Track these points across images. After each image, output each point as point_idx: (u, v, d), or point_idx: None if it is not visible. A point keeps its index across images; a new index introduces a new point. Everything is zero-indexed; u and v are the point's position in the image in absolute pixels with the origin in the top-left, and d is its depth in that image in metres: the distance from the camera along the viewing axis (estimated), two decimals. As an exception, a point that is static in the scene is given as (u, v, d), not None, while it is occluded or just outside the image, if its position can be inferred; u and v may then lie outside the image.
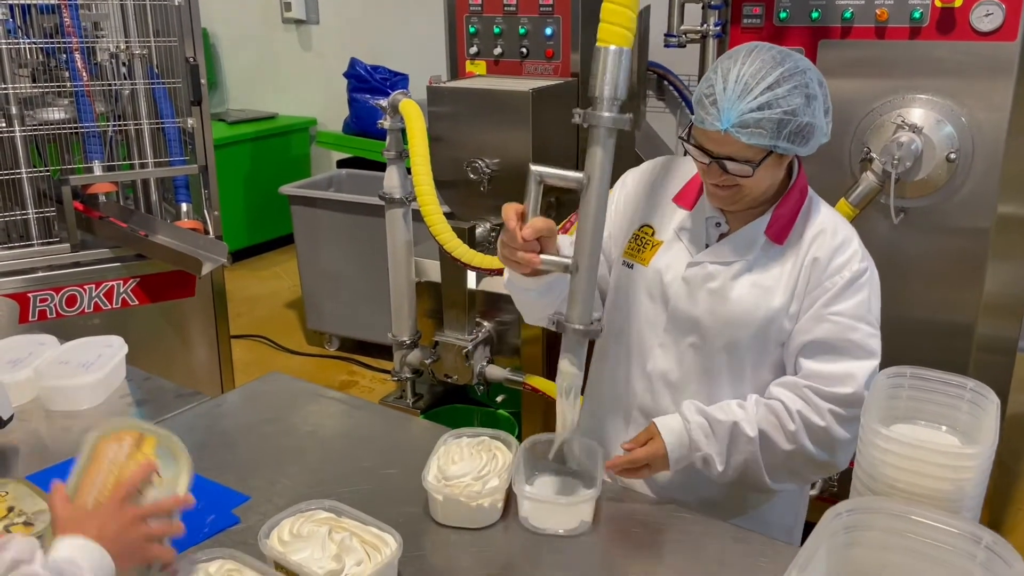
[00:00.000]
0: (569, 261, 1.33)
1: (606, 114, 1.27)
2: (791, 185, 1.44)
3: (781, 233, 1.43)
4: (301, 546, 1.20)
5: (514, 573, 1.29)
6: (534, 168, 1.32)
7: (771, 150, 1.31)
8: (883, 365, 1.37)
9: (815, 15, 2.11)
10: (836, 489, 2.36)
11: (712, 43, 2.28)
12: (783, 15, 2.14)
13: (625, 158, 2.91)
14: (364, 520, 1.26)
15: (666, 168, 1.58)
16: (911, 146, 2.02)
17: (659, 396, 1.50)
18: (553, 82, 2.55)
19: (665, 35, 2.52)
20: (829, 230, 1.42)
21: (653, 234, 1.52)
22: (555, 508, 1.36)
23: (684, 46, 2.45)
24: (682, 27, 2.36)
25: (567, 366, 1.37)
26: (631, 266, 1.52)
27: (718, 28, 2.22)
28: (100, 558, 0.96)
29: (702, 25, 2.27)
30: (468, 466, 1.38)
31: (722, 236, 1.46)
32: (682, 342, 1.47)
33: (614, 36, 1.27)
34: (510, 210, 1.32)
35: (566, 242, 1.40)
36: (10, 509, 1.24)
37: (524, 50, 2.67)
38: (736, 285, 1.43)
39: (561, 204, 2.70)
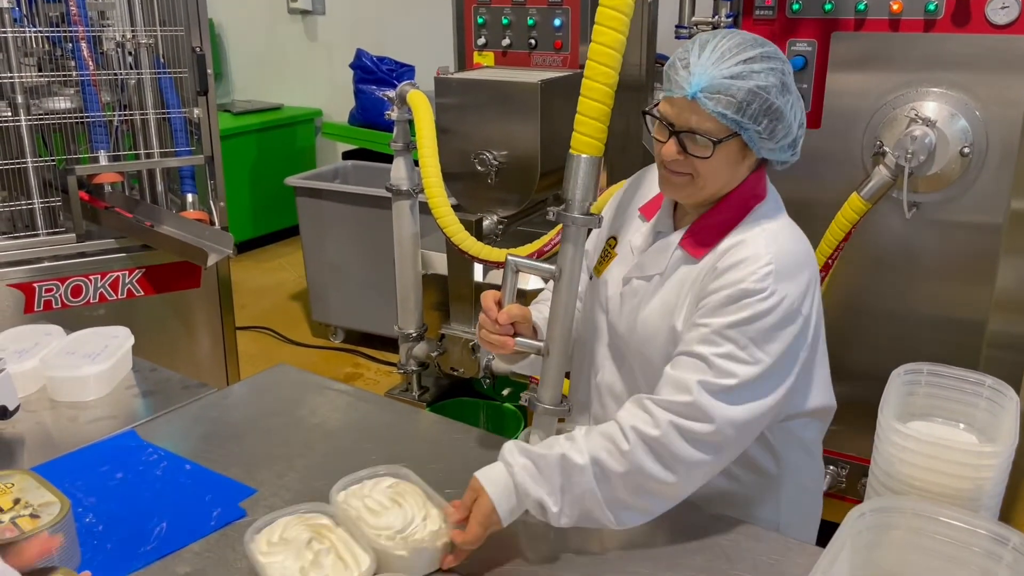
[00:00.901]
0: (541, 345, 1.44)
1: (577, 215, 1.36)
2: (735, 189, 1.32)
3: (701, 246, 1.32)
4: (280, 550, 1.19)
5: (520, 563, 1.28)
6: (511, 258, 1.44)
7: (735, 131, 1.24)
8: (893, 362, 1.35)
9: (828, 7, 2.09)
10: (844, 485, 2.35)
11: (724, 35, 2.25)
12: (796, 7, 2.12)
13: (632, 149, 2.91)
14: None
15: (647, 179, 1.52)
16: (924, 140, 1.99)
17: (608, 409, 1.48)
18: (562, 74, 2.53)
19: (676, 27, 2.49)
20: (746, 243, 1.28)
21: (614, 246, 1.50)
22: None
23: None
24: (693, 18, 2.33)
25: (537, 441, 1.41)
26: (592, 277, 1.53)
27: (730, 20, 2.19)
28: None
29: (713, 16, 2.24)
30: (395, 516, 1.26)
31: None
32: (620, 356, 1.46)
33: (586, 146, 1.34)
34: (488, 297, 1.43)
35: (543, 309, 1.49)
36: (16, 501, 1.23)
37: (532, 41, 2.64)
38: (650, 303, 1.38)
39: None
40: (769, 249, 1.27)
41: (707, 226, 1.34)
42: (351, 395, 1.79)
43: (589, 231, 1.44)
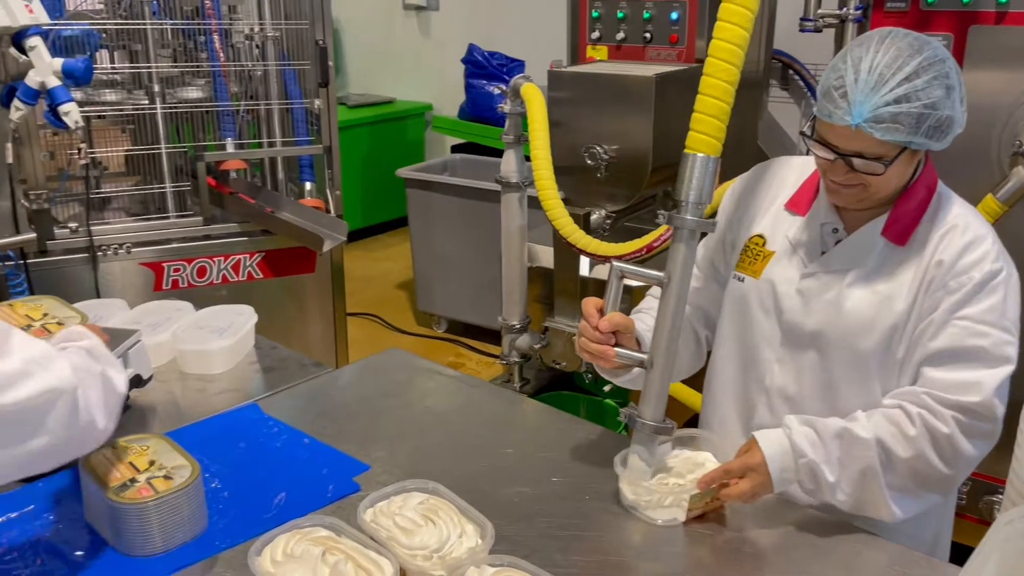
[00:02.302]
0: (644, 356, 1.35)
1: (690, 218, 1.29)
2: (914, 180, 1.33)
3: (903, 234, 1.33)
4: (292, 567, 1.13)
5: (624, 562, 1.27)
6: (616, 264, 1.37)
7: (905, 146, 1.23)
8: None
9: (966, 0, 1.99)
10: (964, 502, 2.23)
11: (851, 28, 2.17)
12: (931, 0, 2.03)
13: (747, 150, 2.84)
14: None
15: (775, 172, 1.51)
16: (1068, 140, 1.88)
17: (779, 413, 1.42)
18: (677, 68, 2.49)
19: (801, 19, 2.42)
20: (960, 227, 1.31)
21: (764, 244, 1.45)
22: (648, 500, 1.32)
23: (820, 31, 2.35)
24: (819, 11, 2.26)
25: (637, 462, 1.34)
26: (742, 279, 1.47)
27: (859, 12, 2.12)
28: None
29: (841, 9, 2.17)
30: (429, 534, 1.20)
31: (839, 242, 1.39)
32: (800, 356, 1.40)
33: (702, 144, 1.29)
34: (590, 304, 1.36)
35: (647, 319, 1.44)
36: (151, 463, 1.30)
37: (648, 35, 2.62)
38: (853, 294, 1.35)
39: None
40: (982, 226, 1.33)
41: (903, 214, 1.33)
42: (459, 380, 1.82)
43: (703, 235, 1.38)
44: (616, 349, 1.34)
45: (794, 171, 1.49)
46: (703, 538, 1.29)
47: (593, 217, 2.60)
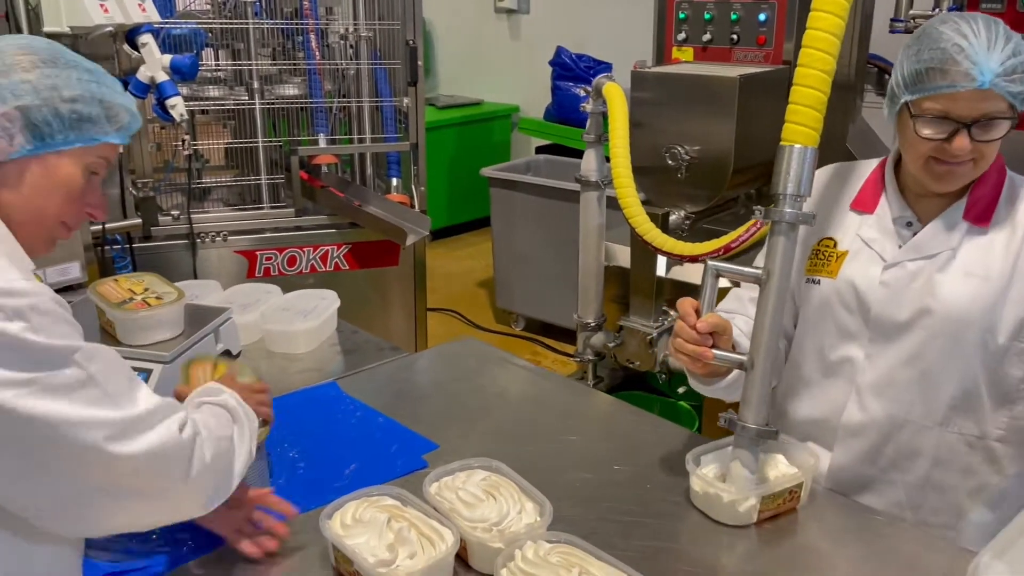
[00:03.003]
0: (744, 358, 1.30)
1: (788, 211, 1.26)
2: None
3: (985, 215, 1.34)
4: (360, 531, 1.17)
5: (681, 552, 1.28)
6: (711, 263, 1.33)
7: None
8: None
9: (1069, -1, 1.91)
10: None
11: (943, 29, 2.11)
12: (1030, -1, 1.96)
13: (836, 155, 2.77)
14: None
15: (838, 176, 1.51)
16: None
17: (870, 410, 1.41)
18: (763, 69, 2.47)
19: (892, 20, 2.37)
20: None
21: (835, 245, 1.45)
22: (718, 497, 1.29)
23: (911, 31, 2.30)
24: (911, 11, 2.21)
25: (739, 468, 1.30)
26: (817, 282, 1.45)
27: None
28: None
29: (934, 10, 2.12)
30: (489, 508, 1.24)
31: (916, 234, 1.38)
32: (892, 349, 1.39)
33: (800, 136, 1.26)
34: (687, 303, 1.32)
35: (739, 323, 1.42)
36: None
37: (735, 36, 2.60)
38: (945, 280, 1.34)
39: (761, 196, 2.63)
40: None
41: (981, 196, 1.35)
42: (531, 371, 1.86)
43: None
44: (714, 351, 1.30)
45: (855, 173, 1.49)
46: (764, 535, 1.29)
47: (672, 218, 2.60)
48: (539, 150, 4.73)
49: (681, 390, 2.93)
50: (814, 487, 1.38)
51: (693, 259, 2.37)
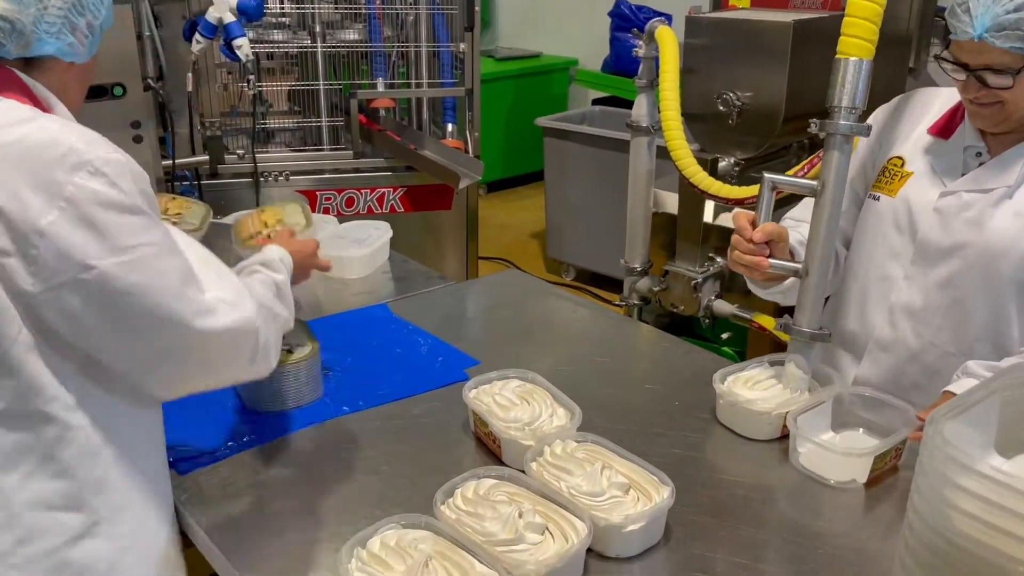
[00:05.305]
0: (799, 266, 1.38)
1: (843, 123, 1.31)
2: None
3: None
4: (482, 511, 1.09)
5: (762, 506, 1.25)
6: (767, 175, 1.39)
7: None
8: None
9: None
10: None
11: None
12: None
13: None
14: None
15: (921, 100, 1.53)
16: None
17: (900, 329, 1.46)
18: (818, 15, 2.46)
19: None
20: None
21: (903, 165, 1.48)
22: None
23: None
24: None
25: (793, 370, 1.39)
26: (877, 198, 1.50)
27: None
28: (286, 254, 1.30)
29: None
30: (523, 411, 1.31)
31: (982, 165, 1.40)
32: (930, 274, 1.42)
33: (854, 48, 1.29)
34: (741, 217, 1.39)
35: (797, 232, 1.46)
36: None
37: (792, -17, 2.59)
38: (996, 214, 1.36)
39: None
40: None
41: None
42: (573, 302, 1.94)
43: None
44: (770, 260, 1.38)
45: (940, 99, 1.51)
46: (786, 448, 1.35)
47: (721, 164, 2.62)
48: (595, 102, 4.74)
49: (725, 336, 2.97)
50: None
51: (739, 202, 2.39)
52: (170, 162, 2.66)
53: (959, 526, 0.84)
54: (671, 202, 2.86)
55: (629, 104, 4.32)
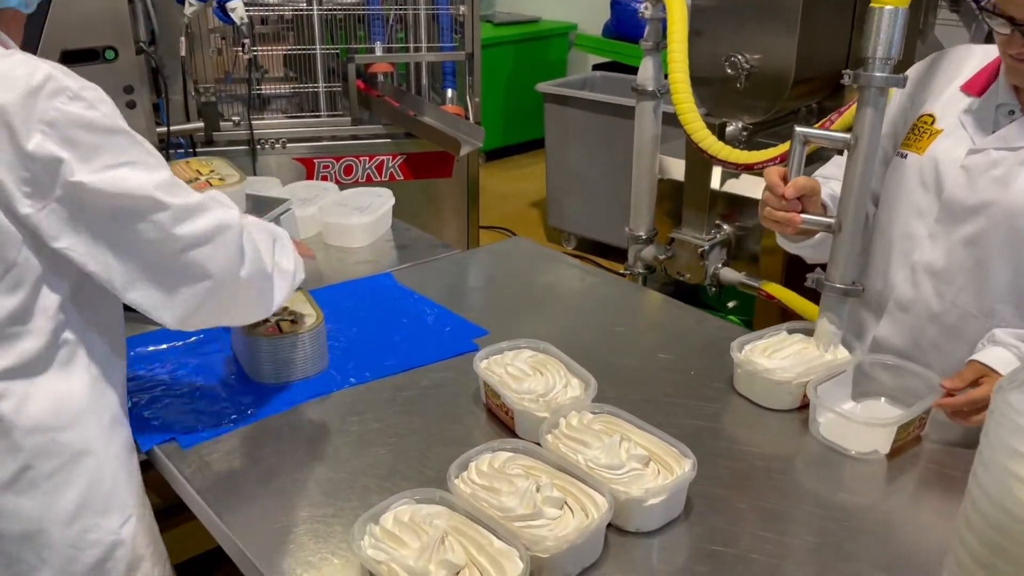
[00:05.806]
0: (832, 221, 1.36)
1: (877, 74, 1.27)
2: None
3: None
4: (498, 485, 1.05)
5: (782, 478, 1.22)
6: (799, 129, 1.36)
7: None
8: None
9: None
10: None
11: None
12: None
13: (899, 72, 2.70)
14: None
15: (955, 57, 1.48)
16: None
17: (921, 288, 1.43)
18: (830, -25, 2.39)
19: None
20: None
21: (933, 122, 1.43)
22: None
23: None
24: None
25: (826, 324, 1.37)
26: (905, 156, 1.45)
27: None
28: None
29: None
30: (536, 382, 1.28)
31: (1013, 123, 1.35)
32: (954, 233, 1.38)
33: None
34: (773, 173, 1.37)
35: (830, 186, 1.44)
36: (283, 308, 1.44)
37: (804, -58, 2.51)
38: (1022, 173, 1.32)
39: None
40: None
41: None
42: (580, 269, 1.90)
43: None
44: (802, 216, 1.36)
45: (975, 57, 1.46)
46: (805, 418, 1.32)
47: (729, 128, 2.56)
48: (596, 67, 4.66)
49: (731, 304, 2.93)
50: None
51: (748, 167, 2.34)
52: (165, 129, 2.59)
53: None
54: (676, 168, 2.80)
55: (630, 69, 4.27)
